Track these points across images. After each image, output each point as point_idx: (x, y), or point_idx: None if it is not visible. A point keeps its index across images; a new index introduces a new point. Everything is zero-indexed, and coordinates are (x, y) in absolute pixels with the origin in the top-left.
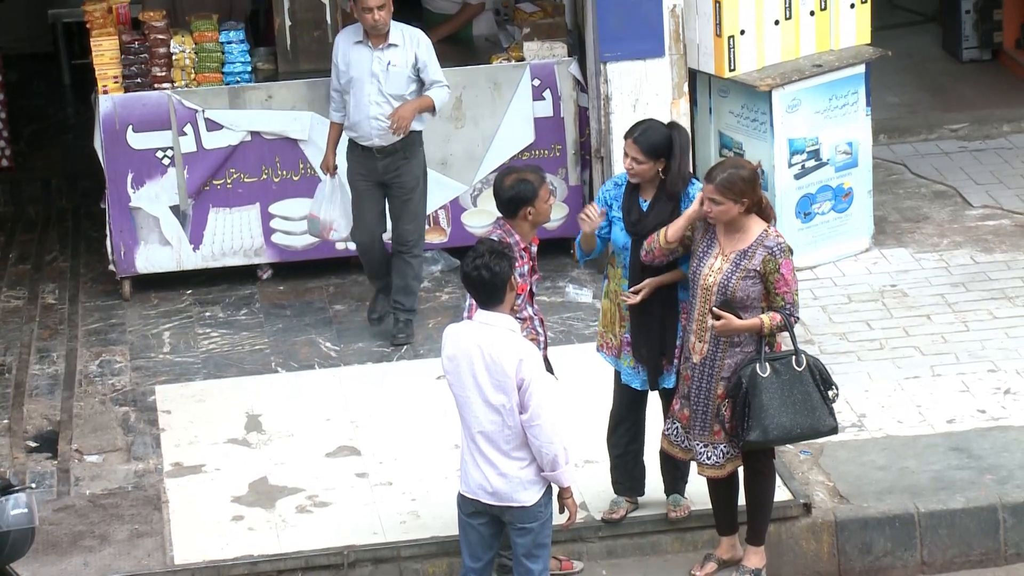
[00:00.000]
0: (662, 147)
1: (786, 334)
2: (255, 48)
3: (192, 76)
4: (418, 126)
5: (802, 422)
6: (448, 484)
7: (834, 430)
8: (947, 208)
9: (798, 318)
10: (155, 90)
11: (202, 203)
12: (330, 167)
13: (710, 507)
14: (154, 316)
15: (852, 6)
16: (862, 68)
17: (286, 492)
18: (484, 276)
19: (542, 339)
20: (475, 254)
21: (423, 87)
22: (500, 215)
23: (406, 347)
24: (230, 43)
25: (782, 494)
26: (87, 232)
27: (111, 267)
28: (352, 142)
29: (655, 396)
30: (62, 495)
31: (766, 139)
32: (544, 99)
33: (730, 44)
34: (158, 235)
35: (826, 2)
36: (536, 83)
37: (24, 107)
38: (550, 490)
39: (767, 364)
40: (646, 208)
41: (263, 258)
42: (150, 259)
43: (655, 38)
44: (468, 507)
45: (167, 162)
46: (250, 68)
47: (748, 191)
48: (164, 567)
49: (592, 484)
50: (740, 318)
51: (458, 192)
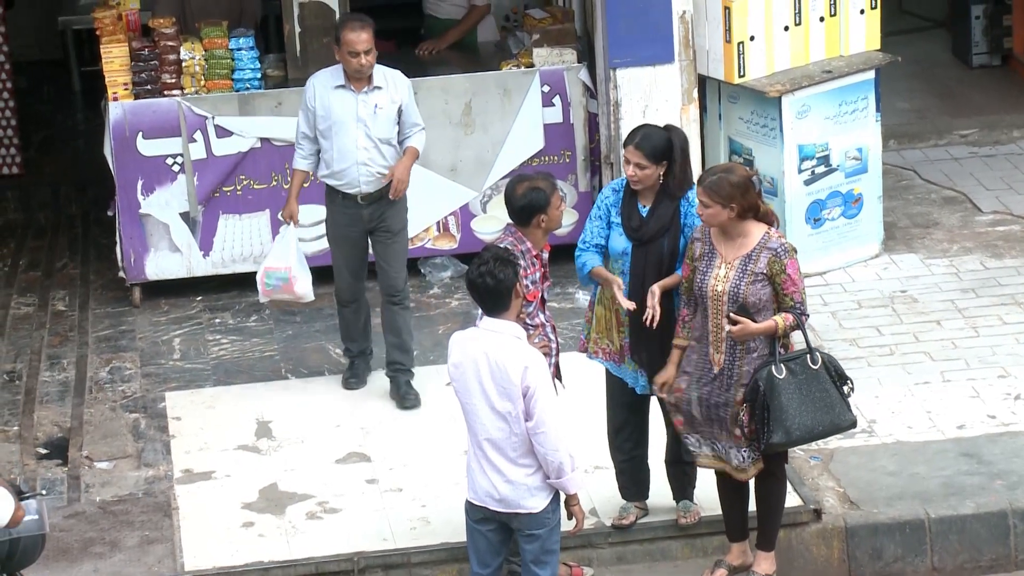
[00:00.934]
0: (664, 150)
1: (799, 334)
2: (265, 55)
3: (202, 83)
4: None
5: (823, 419)
6: (458, 490)
7: (854, 424)
8: (957, 214)
9: (808, 316)
10: (165, 97)
11: (212, 210)
12: (294, 216)
13: (720, 513)
14: (164, 323)
15: (862, 12)
16: (872, 74)
17: (296, 498)
18: (489, 283)
19: (554, 346)
20: (480, 261)
21: (401, 127)
22: (511, 222)
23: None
24: (240, 50)
25: (792, 500)
26: (97, 239)
27: (121, 274)
28: (332, 190)
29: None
30: (72, 502)
31: (776, 145)
32: (554, 105)
33: (740, 50)
34: (168, 242)
35: (836, 8)
36: (546, 89)
37: (34, 114)
38: (557, 496)
39: (782, 365)
40: (646, 214)
41: None
42: (160, 266)
43: (665, 44)
44: (476, 513)
45: (177, 169)
46: (260, 75)
47: (736, 196)
48: (174, 574)
49: (601, 490)
50: (755, 322)
51: (468, 198)
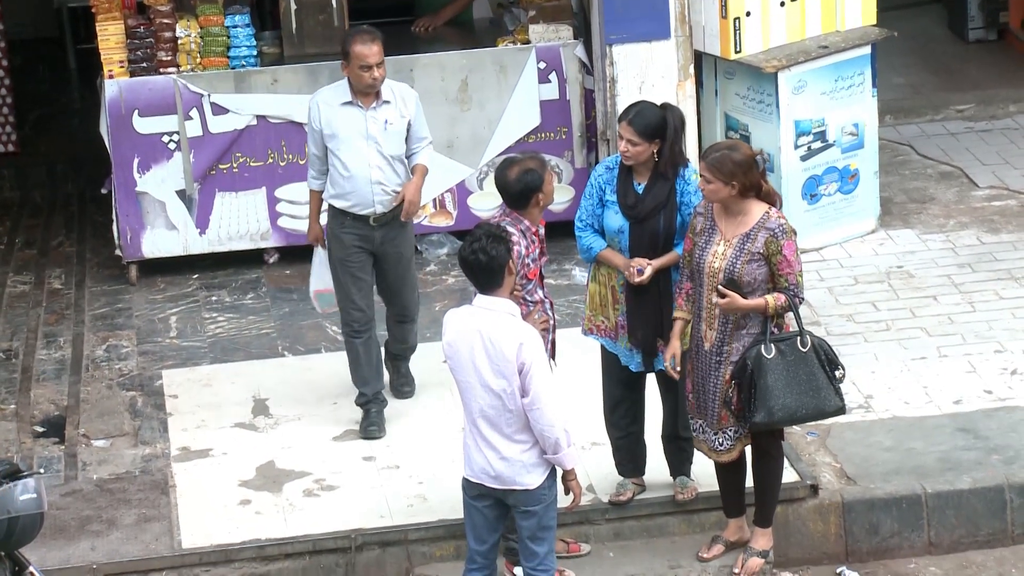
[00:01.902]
0: (657, 128)
1: (792, 315)
2: (261, 32)
3: (198, 60)
4: None
5: (807, 403)
6: (455, 467)
7: (840, 410)
8: (953, 189)
9: (803, 299)
10: (161, 74)
11: (208, 187)
12: (320, 238)
13: (717, 489)
14: (160, 301)
15: None
16: (868, 49)
17: (293, 476)
18: (482, 260)
19: (552, 323)
20: (472, 238)
21: (408, 144)
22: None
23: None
24: (235, 27)
25: (789, 476)
26: (93, 217)
27: (117, 252)
28: (339, 212)
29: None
30: (69, 480)
31: (772, 121)
32: (550, 82)
33: (736, 26)
34: (164, 220)
35: None
36: (542, 66)
37: (29, 92)
38: (554, 473)
39: (772, 345)
40: (642, 191)
41: (269, 242)
42: (156, 244)
43: (661, 20)
44: (472, 490)
45: (173, 147)
46: (256, 52)
47: (738, 173)
48: (172, 551)
49: (599, 466)
50: (746, 299)
51: (464, 175)
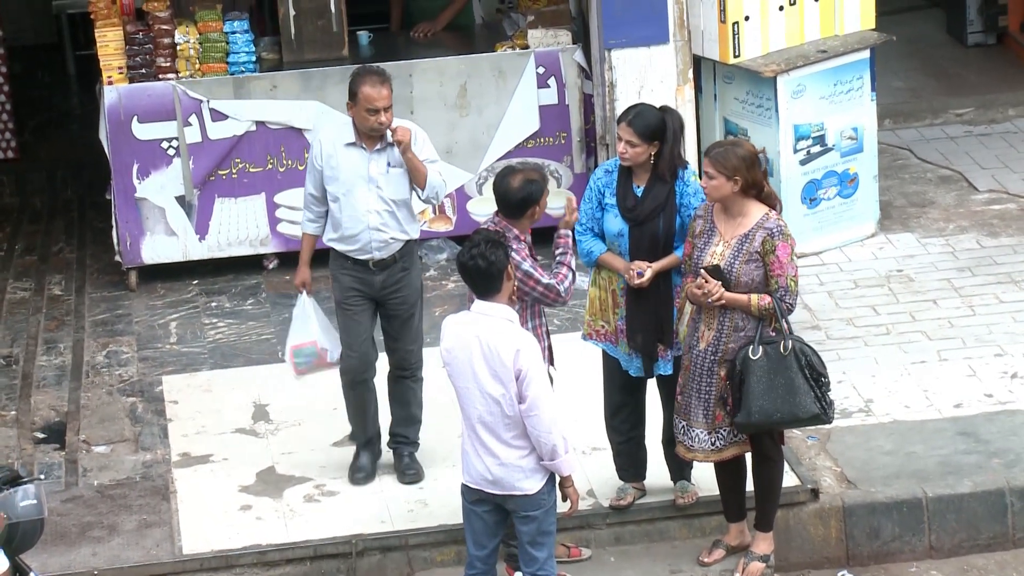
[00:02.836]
0: (656, 129)
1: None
2: (259, 38)
3: (197, 66)
4: (414, 233)
5: (782, 407)
6: (455, 472)
7: (817, 418)
8: (953, 193)
9: (791, 305)
10: (160, 80)
11: (208, 193)
12: (307, 283)
13: (718, 493)
14: (160, 307)
15: None
16: (867, 53)
17: (294, 481)
18: (480, 265)
19: (545, 329)
20: (471, 244)
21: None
22: (497, 212)
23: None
24: (234, 33)
25: (790, 480)
26: (93, 223)
27: (117, 258)
28: (340, 255)
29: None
30: (70, 486)
31: (771, 125)
32: (549, 87)
33: (735, 30)
34: (164, 226)
35: None
36: (541, 71)
37: (29, 98)
38: (553, 478)
39: (760, 347)
40: (641, 194)
41: (269, 248)
42: (156, 250)
43: (659, 24)
44: (471, 495)
45: (172, 153)
46: (254, 58)
47: (742, 169)
48: (173, 557)
49: (599, 471)
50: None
51: (463, 180)
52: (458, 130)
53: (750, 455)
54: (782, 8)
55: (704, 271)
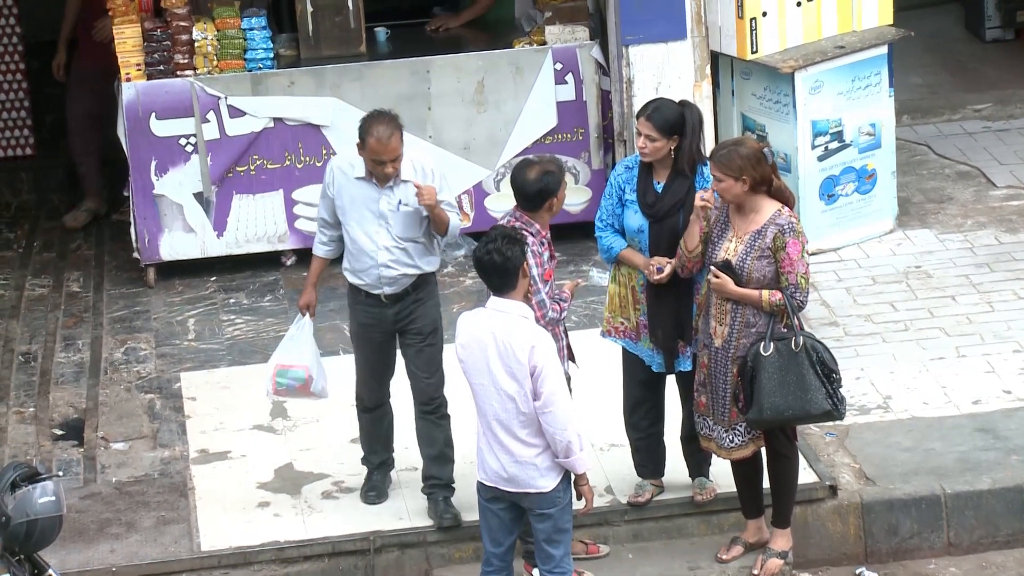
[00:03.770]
0: (676, 124)
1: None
2: (277, 34)
3: (214, 63)
4: (428, 267)
5: (793, 403)
6: (472, 469)
7: (828, 415)
8: (971, 188)
9: (802, 301)
10: (178, 77)
11: (225, 190)
12: (311, 306)
13: (735, 490)
14: (179, 303)
15: None
16: (885, 49)
17: (312, 478)
18: (496, 260)
19: (564, 326)
20: (488, 239)
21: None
22: (517, 206)
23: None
24: (252, 29)
25: (808, 476)
26: (111, 219)
27: (135, 255)
28: (354, 288)
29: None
30: (88, 483)
31: (789, 121)
32: (566, 83)
33: (752, 26)
34: (182, 222)
35: None
36: (558, 67)
37: (47, 95)
38: (568, 476)
39: (771, 344)
40: (661, 190)
41: (287, 244)
42: (174, 246)
43: (677, 20)
44: (487, 493)
45: (190, 149)
46: (272, 54)
47: (747, 168)
48: (191, 554)
49: (617, 468)
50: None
51: (481, 177)
52: (476, 126)
53: (764, 451)
54: (799, 4)
55: (714, 267)
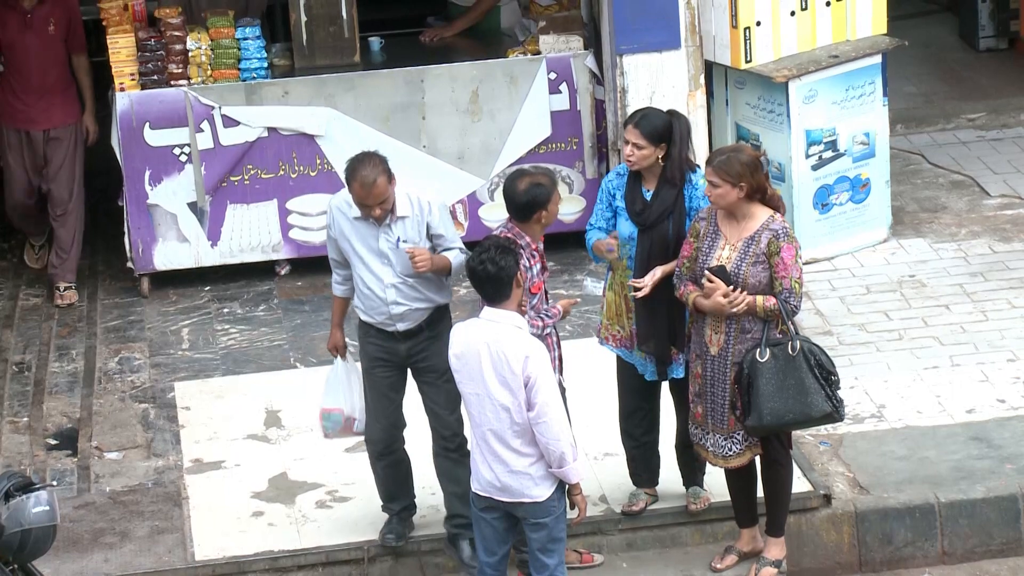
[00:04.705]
0: (663, 132)
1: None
2: (271, 44)
3: (208, 73)
4: (441, 299)
5: (793, 407)
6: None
7: (829, 417)
8: (965, 198)
9: (796, 305)
10: (172, 87)
11: (219, 199)
12: (340, 347)
13: (729, 499)
14: (173, 313)
15: None
16: (879, 58)
17: (306, 487)
18: (490, 270)
19: (557, 338)
20: (481, 249)
21: (434, 250)
22: (509, 217)
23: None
24: (246, 39)
25: (802, 485)
26: (105, 229)
27: (129, 264)
28: (365, 323)
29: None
30: (82, 492)
31: (783, 130)
32: (560, 92)
33: (746, 35)
34: (176, 232)
35: None
36: (552, 76)
37: None
38: (562, 485)
39: (767, 350)
40: (649, 197)
41: (281, 254)
42: (168, 256)
43: (671, 30)
44: (481, 503)
45: (184, 159)
46: (266, 64)
47: (746, 175)
48: (185, 563)
49: (611, 476)
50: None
51: (475, 186)
52: (470, 135)
53: (759, 459)
54: (793, 13)
55: (709, 272)
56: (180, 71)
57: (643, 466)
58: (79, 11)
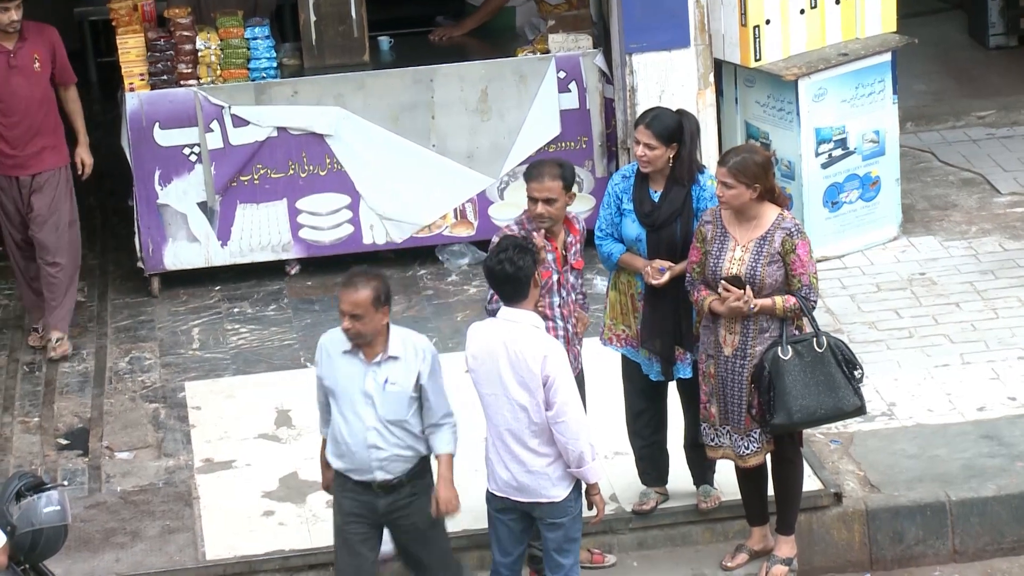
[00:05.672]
0: (674, 132)
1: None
2: (280, 44)
3: (218, 72)
4: (423, 450)
5: (825, 402)
6: (478, 477)
7: (860, 410)
8: (975, 195)
9: (815, 301)
10: (181, 87)
11: (229, 199)
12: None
13: (740, 497)
14: (183, 312)
15: None
16: (888, 56)
17: (316, 487)
18: (508, 270)
19: (569, 336)
20: (499, 248)
21: (421, 407)
22: (524, 211)
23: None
24: (255, 39)
25: (812, 484)
26: (115, 229)
27: (140, 264)
28: (341, 476)
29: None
30: (93, 492)
31: (793, 129)
32: (570, 91)
33: (755, 34)
34: (186, 232)
35: None
36: (562, 75)
37: None
38: (579, 485)
39: (788, 347)
40: (658, 198)
41: (291, 253)
42: (178, 256)
43: (680, 28)
44: (497, 503)
45: (194, 159)
46: (276, 64)
47: (761, 176)
48: (196, 563)
49: (622, 476)
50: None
51: (485, 185)
52: (479, 134)
53: (769, 457)
54: (803, 11)
55: (724, 281)
56: (190, 71)
57: (652, 465)
58: (60, 40)
